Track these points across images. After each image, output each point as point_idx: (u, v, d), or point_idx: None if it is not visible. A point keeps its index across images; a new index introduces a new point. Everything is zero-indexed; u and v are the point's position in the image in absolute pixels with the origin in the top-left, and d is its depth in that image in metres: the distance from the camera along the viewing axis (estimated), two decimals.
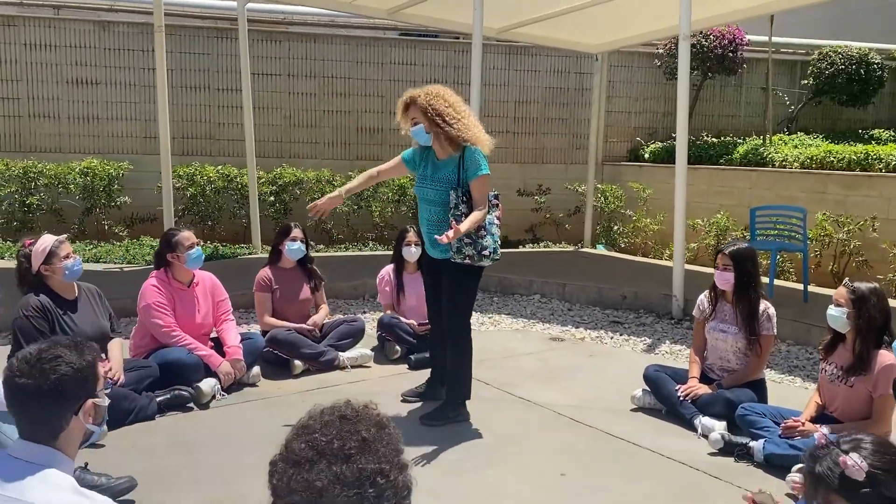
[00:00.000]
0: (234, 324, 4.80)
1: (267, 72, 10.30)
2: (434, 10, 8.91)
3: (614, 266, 9.07)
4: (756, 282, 4.39)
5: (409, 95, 4.20)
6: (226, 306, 4.83)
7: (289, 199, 9.81)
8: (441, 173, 4.16)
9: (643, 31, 9.54)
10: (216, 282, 4.85)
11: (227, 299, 4.87)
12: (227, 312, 4.82)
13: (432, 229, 4.18)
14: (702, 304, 4.62)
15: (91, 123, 9.82)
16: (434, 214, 4.18)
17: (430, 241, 4.25)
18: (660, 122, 11.84)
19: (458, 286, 4.20)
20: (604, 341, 6.30)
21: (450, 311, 4.23)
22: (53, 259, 4.04)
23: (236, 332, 4.76)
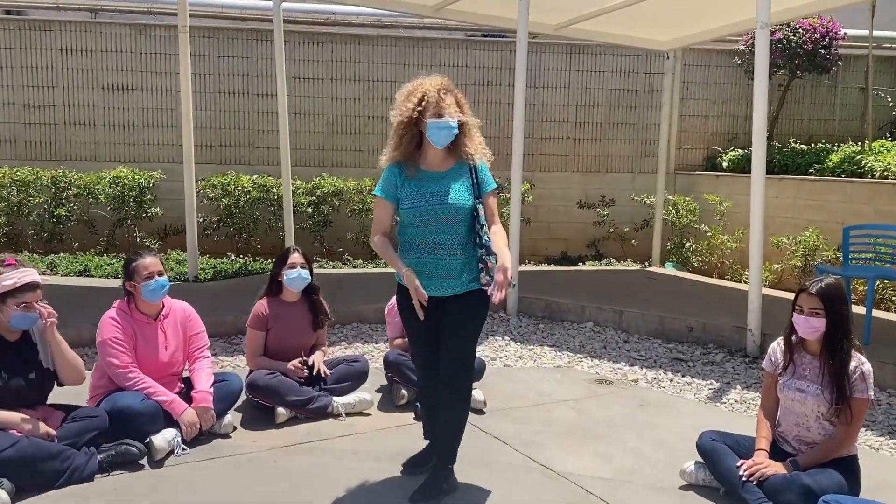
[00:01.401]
0: (208, 362, 4.10)
1: (308, 76, 9.71)
2: (482, 6, 8.10)
3: (683, 289, 8.01)
4: (849, 329, 3.39)
5: (442, 81, 3.38)
6: (200, 341, 4.14)
7: (328, 211, 9.16)
8: (454, 185, 3.35)
9: (721, 24, 8.46)
10: (190, 313, 4.17)
11: (203, 333, 4.18)
12: (200, 349, 4.12)
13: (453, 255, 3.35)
14: (774, 354, 3.63)
15: (126, 131, 9.44)
16: (449, 236, 3.34)
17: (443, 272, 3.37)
18: (740, 127, 10.65)
19: (472, 322, 3.43)
20: (661, 384, 5.33)
21: (457, 353, 3.40)
22: (8, 301, 3.44)
23: (209, 372, 4.06)
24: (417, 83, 3.39)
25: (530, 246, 9.98)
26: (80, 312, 5.84)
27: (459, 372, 3.41)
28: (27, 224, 8.78)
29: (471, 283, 3.38)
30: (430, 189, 3.35)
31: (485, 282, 3.32)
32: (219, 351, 5.76)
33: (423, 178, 3.38)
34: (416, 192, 3.35)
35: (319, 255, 9.30)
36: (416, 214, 3.34)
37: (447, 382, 3.40)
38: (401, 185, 3.37)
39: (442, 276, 3.36)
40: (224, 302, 6.64)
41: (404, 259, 3.36)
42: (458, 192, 3.35)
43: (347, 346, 5.98)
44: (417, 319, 3.39)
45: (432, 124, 3.27)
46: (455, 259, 3.34)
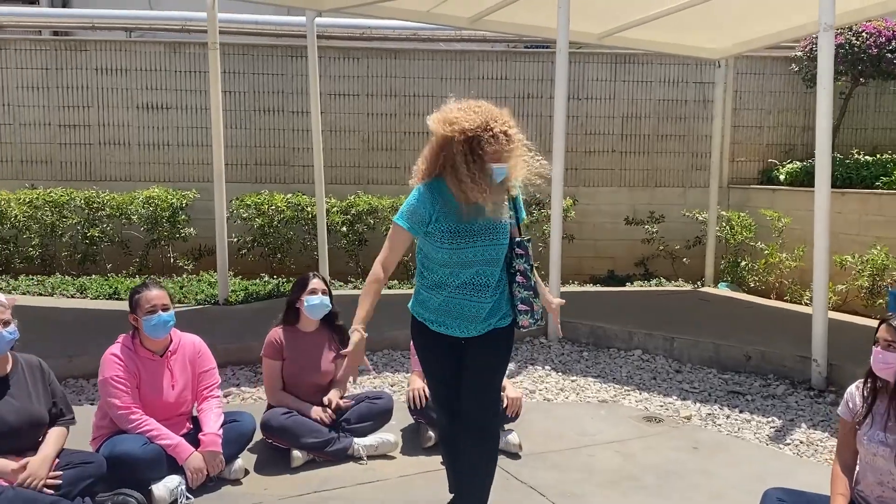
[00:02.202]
0: (217, 402, 3.78)
1: (343, 92, 9.47)
2: (521, 16, 7.74)
3: (739, 312, 7.47)
4: None
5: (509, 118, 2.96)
6: (210, 379, 3.82)
7: (363, 230, 8.87)
8: (501, 223, 2.99)
9: (776, 29, 7.96)
10: (200, 348, 3.86)
11: (214, 370, 3.86)
12: (210, 387, 3.81)
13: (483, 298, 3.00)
14: (852, 399, 3.15)
15: (161, 150, 9.32)
16: (489, 278, 3.00)
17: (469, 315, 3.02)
18: (798, 138, 10.05)
19: (498, 359, 3.11)
20: (717, 421, 4.85)
21: (481, 390, 3.05)
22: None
23: (219, 413, 3.74)
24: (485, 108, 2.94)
25: (574, 265, 9.53)
26: (104, 339, 5.62)
27: (484, 411, 3.05)
28: (61, 245, 8.70)
29: (498, 322, 3.04)
30: (472, 227, 2.91)
31: (526, 324, 3.07)
32: (242, 381, 5.47)
33: (466, 214, 2.91)
34: (456, 230, 2.90)
35: (354, 276, 9.01)
36: (454, 256, 2.92)
37: (470, 423, 3.04)
38: (434, 218, 2.91)
39: (468, 319, 3.02)
40: (252, 327, 6.38)
41: (424, 295, 3.04)
42: (503, 231, 2.99)
43: (376, 375, 5.64)
44: (435, 356, 3.08)
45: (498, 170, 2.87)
46: (485, 302, 3.01)
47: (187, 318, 6.88)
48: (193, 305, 7.38)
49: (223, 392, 5.17)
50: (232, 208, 8.64)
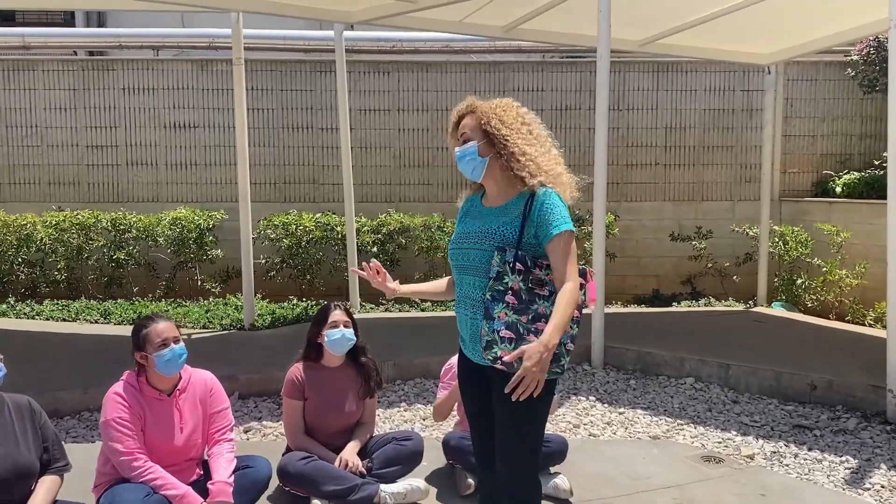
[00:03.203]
0: (229, 446, 3.42)
1: (373, 107, 9.18)
2: (558, 24, 7.39)
3: (798, 334, 6.95)
4: None
5: (466, 103, 2.72)
6: (222, 421, 3.46)
7: (393, 250, 8.53)
8: (492, 224, 2.61)
9: (828, 32, 7.49)
10: (213, 385, 3.51)
11: (227, 411, 3.49)
12: (222, 430, 3.45)
13: (477, 315, 2.60)
14: None
15: (189, 170, 9.12)
16: (477, 290, 2.59)
17: (469, 333, 2.67)
18: (854, 147, 9.48)
19: (519, 413, 2.50)
20: (783, 460, 4.36)
21: (508, 454, 2.57)
22: None
23: (230, 458, 3.37)
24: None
25: (617, 284, 9.06)
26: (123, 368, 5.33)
27: (512, 481, 2.58)
28: (87, 268, 8.51)
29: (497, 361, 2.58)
30: (471, 227, 2.68)
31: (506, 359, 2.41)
32: (265, 414, 5.13)
33: (477, 213, 2.73)
34: (460, 230, 2.74)
35: (386, 297, 8.65)
36: (451, 258, 2.74)
37: (501, 488, 2.62)
38: (460, 220, 2.82)
39: (471, 339, 2.65)
40: (278, 354, 6.03)
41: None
42: (491, 235, 2.57)
43: (407, 407, 5.25)
44: (461, 381, 2.77)
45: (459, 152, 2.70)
46: (477, 319, 2.59)
47: (211, 345, 6.61)
48: (218, 331, 7.09)
49: (243, 427, 4.85)
50: (259, 229, 8.38)
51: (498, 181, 2.66)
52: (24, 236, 8.24)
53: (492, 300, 2.50)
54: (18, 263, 8.37)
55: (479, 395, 2.71)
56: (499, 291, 2.50)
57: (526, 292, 2.51)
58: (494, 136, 2.60)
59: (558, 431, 4.76)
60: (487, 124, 2.62)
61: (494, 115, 2.63)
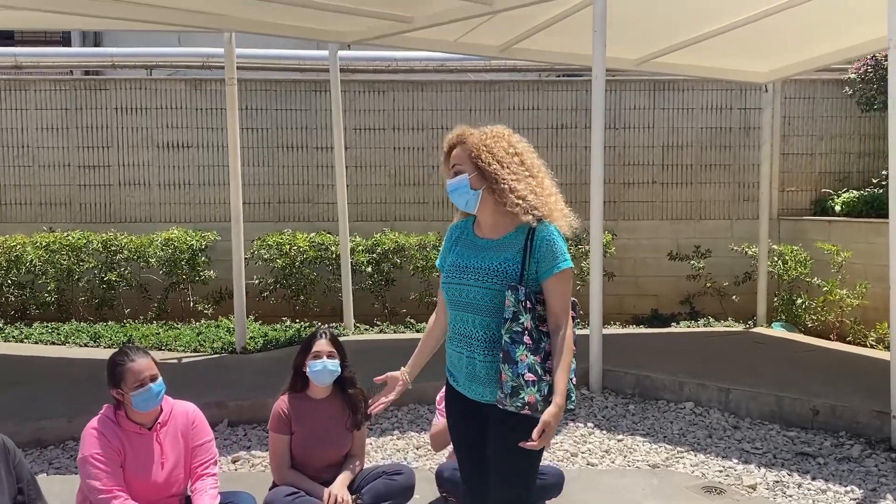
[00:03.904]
0: (212, 481, 3.29)
1: (369, 126, 9.11)
2: (553, 43, 7.35)
3: (800, 356, 6.83)
4: None
5: (457, 133, 2.63)
6: (205, 454, 3.34)
7: (388, 269, 8.43)
8: (493, 260, 2.51)
9: (826, 51, 7.44)
10: (195, 418, 3.39)
11: (210, 444, 3.37)
12: (205, 464, 3.32)
13: (475, 354, 2.52)
14: None
15: (182, 190, 9.03)
16: (478, 329, 2.51)
17: (467, 372, 2.58)
18: (853, 166, 9.41)
19: (517, 452, 2.40)
20: (786, 491, 4.24)
21: (505, 488, 2.52)
22: None
23: (213, 495, 3.25)
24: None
25: (614, 304, 8.95)
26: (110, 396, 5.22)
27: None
28: (77, 290, 8.41)
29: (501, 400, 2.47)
30: (463, 262, 2.58)
31: (498, 398, 2.42)
32: (254, 442, 5.00)
33: (471, 244, 2.62)
34: (453, 263, 2.63)
35: (381, 318, 8.55)
36: (446, 292, 2.63)
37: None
38: (449, 249, 2.71)
39: (468, 377, 2.58)
40: (269, 379, 5.91)
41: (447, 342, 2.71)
42: (492, 271, 2.49)
43: (400, 435, 5.13)
44: (452, 416, 2.67)
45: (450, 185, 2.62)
46: (475, 359, 2.52)
47: (201, 370, 6.49)
48: (209, 354, 6.97)
49: (231, 456, 4.73)
50: (253, 249, 8.29)
51: (493, 213, 2.57)
52: (14, 258, 8.13)
53: (511, 342, 2.40)
54: (8, 286, 8.26)
55: (473, 432, 2.63)
56: (517, 333, 2.40)
57: (535, 331, 2.44)
58: (485, 170, 2.52)
59: (555, 461, 4.64)
60: (478, 158, 2.54)
61: (484, 148, 2.55)
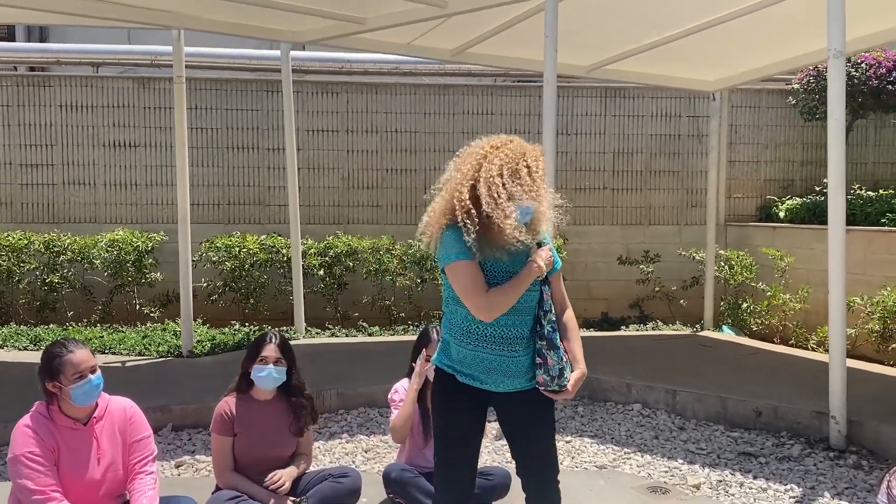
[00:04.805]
0: (151, 480, 3.19)
1: (322, 128, 9.04)
2: (506, 48, 7.37)
3: (744, 359, 6.98)
4: None
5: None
6: (143, 451, 3.23)
7: (341, 273, 8.36)
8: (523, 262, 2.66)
9: (772, 61, 7.62)
10: (133, 413, 3.28)
11: (148, 439, 3.27)
12: (143, 460, 3.22)
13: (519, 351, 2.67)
14: (892, 489, 2.64)
15: (128, 190, 8.83)
16: (525, 328, 2.69)
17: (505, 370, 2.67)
18: (796, 173, 9.67)
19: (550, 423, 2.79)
20: (729, 490, 4.32)
21: (551, 459, 2.78)
22: None
23: (153, 497, 3.16)
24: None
25: None
26: None
27: (555, 484, 2.77)
28: (18, 292, 8.15)
29: (533, 380, 2.68)
30: (513, 268, 2.64)
31: (542, 381, 2.65)
32: (199, 447, 4.91)
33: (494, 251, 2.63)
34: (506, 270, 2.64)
35: (333, 321, 8.48)
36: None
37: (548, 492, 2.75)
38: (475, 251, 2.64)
39: (503, 374, 2.68)
40: (215, 383, 5.75)
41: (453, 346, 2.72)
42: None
43: (349, 439, 5.08)
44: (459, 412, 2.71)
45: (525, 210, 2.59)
46: (518, 356, 2.68)
47: (146, 373, 6.34)
48: (154, 358, 6.83)
49: (175, 461, 4.63)
50: (201, 251, 8.14)
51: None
52: None
53: (553, 331, 2.66)
54: None
55: (478, 424, 2.75)
56: (552, 322, 2.68)
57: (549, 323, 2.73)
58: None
59: (504, 462, 4.65)
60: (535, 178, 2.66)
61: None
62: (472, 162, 2.61)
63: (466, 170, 2.61)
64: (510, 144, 2.62)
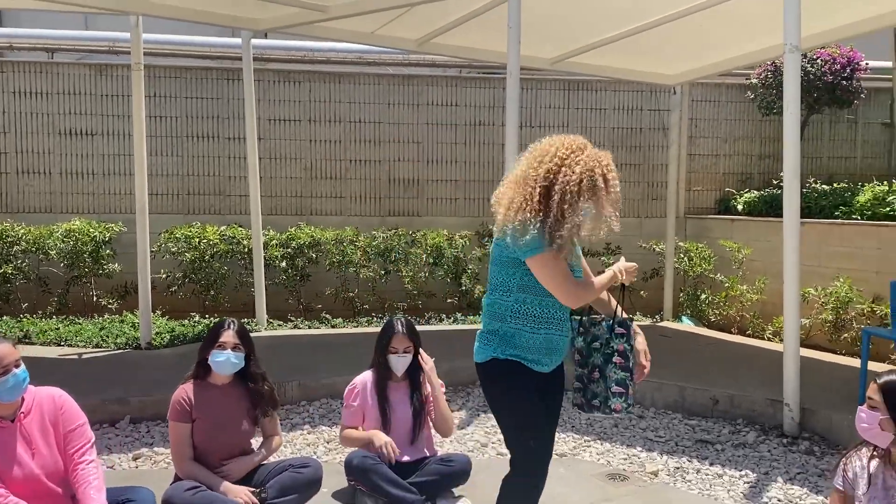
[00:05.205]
0: (94, 468, 3.06)
1: (284, 117, 8.95)
2: (471, 39, 7.38)
3: (703, 349, 7.10)
4: None
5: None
6: (81, 438, 3.08)
7: (303, 264, 8.30)
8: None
9: (732, 55, 7.74)
10: (63, 403, 3.10)
11: (83, 427, 3.11)
12: (81, 449, 3.07)
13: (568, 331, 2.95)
14: (852, 468, 2.72)
15: (86, 179, 8.64)
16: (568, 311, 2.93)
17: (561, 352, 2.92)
18: (755, 167, 9.85)
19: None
20: (686, 476, 4.40)
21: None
22: None
23: (99, 486, 3.02)
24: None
25: None
26: None
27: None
28: None
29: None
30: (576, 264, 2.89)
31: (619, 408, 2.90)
32: (157, 439, 4.84)
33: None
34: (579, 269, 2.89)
35: (295, 313, 8.42)
36: None
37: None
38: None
39: (559, 353, 2.90)
40: (174, 374, 5.62)
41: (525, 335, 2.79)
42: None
43: (311, 430, 5.06)
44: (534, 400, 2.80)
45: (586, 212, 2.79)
46: (568, 335, 2.92)
47: (103, 365, 6.23)
48: (112, 350, 6.71)
49: (132, 453, 4.56)
50: (160, 242, 8.02)
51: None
52: None
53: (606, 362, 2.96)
54: None
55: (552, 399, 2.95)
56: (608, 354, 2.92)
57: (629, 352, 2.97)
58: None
59: (466, 451, 4.67)
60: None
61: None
62: (549, 164, 2.72)
63: (543, 171, 2.72)
64: (587, 150, 2.77)
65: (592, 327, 2.92)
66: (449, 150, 9.20)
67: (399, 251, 8.37)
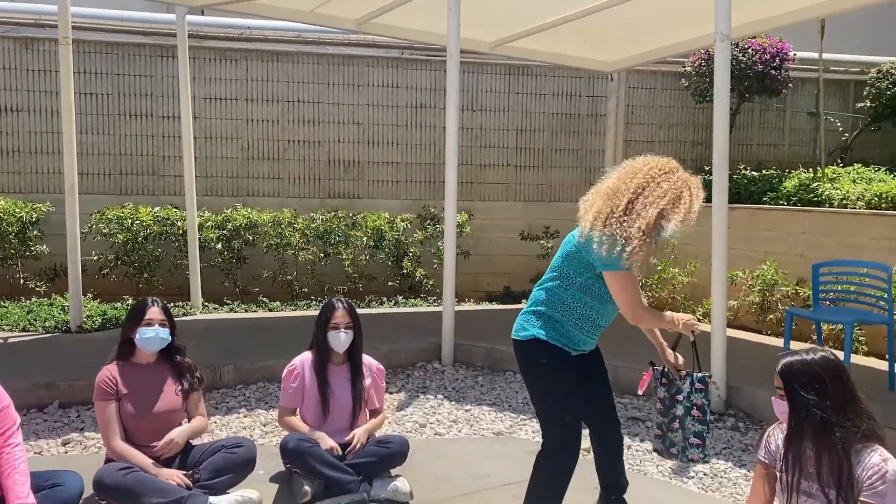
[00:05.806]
0: (19, 451, 2.94)
1: (220, 96, 8.76)
2: (412, 20, 7.37)
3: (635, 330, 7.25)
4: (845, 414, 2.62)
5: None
6: (5, 421, 2.94)
7: (240, 247, 8.18)
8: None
9: (667, 43, 7.92)
10: None
11: (9, 408, 2.99)
12: (7, 432, 2.94)
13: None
14: (775, 440, 2.84)
15: (10, 157, 8.32)
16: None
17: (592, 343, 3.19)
18: (688, 153, 10.11)
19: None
20: None
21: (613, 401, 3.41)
22: None
23: (24, 471, 2.94)
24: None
25: (470, 282, 9.17)
26: None
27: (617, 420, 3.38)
28: None
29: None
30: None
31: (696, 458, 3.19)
32: (88, 424, 4.73)
33: None
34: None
35: (232, 297, 8.30)
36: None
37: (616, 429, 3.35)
38: None
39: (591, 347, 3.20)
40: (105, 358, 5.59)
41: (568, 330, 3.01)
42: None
43: (247, 413, 5.02)
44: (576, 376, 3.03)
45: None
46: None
47: (31, 349, 6.04)
48: (41, 333, 6.51)
49: (62, 438, 4.45)
50: (91, 223, 7.79)
51: None
52: None
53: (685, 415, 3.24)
54: None
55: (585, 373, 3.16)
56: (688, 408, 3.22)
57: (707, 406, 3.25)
58: None
59: (404, 432, 4.71)
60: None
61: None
62: (641, 180, 2.93)
63: (634, 185, 2.92)
64: (678, 173, 2.99)
65: (677, 381, 3.18)
66: (390, 132, 9.17)
67: (339, 234, 8.32)
